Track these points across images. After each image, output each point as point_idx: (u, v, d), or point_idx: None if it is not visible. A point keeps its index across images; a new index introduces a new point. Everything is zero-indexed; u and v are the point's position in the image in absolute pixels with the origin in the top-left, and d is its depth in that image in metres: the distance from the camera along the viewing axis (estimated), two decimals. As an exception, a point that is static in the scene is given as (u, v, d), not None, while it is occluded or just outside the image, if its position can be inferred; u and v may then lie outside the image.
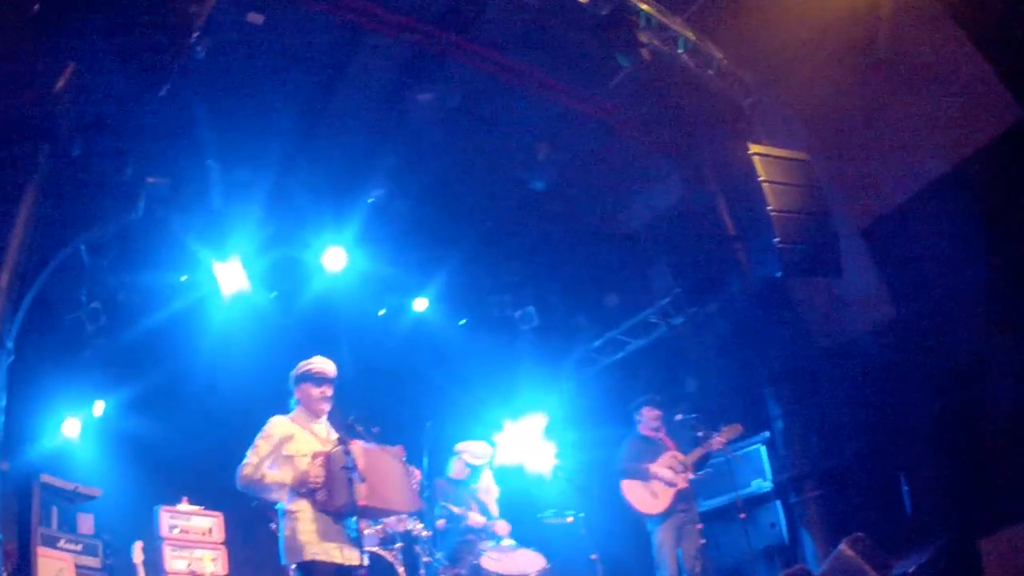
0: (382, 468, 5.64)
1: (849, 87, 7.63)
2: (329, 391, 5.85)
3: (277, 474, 5.48)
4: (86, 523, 7.94)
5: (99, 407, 8.43)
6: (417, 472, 5.98)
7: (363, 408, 6.10)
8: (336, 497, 5.35)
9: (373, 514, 5.83)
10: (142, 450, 8.47)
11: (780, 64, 7.77)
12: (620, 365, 10.10)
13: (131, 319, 8.33)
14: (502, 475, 9.15)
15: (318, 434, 5.75)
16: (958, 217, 7.45)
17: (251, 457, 5.53)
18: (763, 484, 8.45)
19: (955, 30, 6.78)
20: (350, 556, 5.43)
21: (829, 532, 7.86)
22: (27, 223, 6.15)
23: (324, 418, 5.87)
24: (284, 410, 5.87)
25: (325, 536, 5.38)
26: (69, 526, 7.73)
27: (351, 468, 5.34)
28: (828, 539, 7.77)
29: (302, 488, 5.41)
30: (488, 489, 8.38)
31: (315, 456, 5.48)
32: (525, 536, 8.21)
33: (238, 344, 8.73)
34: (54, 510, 7.63)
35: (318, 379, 5.83)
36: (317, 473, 5.40)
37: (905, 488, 7.74)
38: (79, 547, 7.60)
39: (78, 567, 7.40)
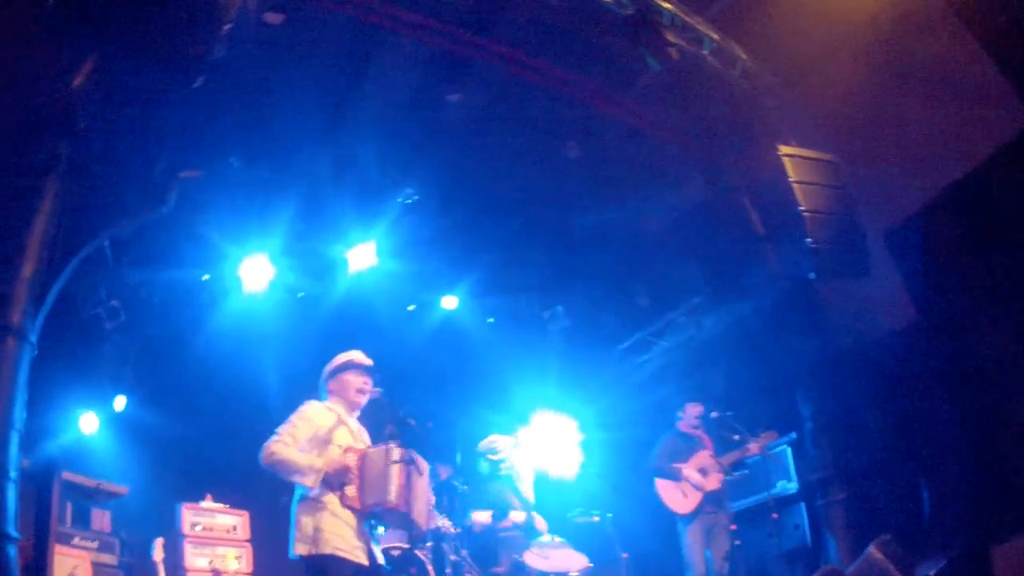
0: (416, 478, 5.53)
1: (869, 89, 7.63)
2: (369, 384, 5.74)
3: (312, 457, 5.30)
4: (102, 520, 7.88)
5: (119, 403, 8.33)
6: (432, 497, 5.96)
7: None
8: (371, 495, 5.26)
9: (401, 520, 5.71)
10: (163, 447, 8.42)
11: (801, 65, 7.80)
12: (649, 365, 10.08)
13: (152, 316, 8.36)
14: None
15: (352, 428, 5.66)
16: (978, 221, 7.43)
17: (284, 435, 5.34)
18: (788, 486, 8.42)
19: (965, 33, 6.84)
20: (376, 556, 5.36)
21: (854, 535, 7.80)
22: (50, 216, 6.07)
23: (357, 413, 5.78)
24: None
25: (348, 534, 5.24)
26: (84, 523, 7.68)
27: (409, 463, 5.28)
28: (852, 542, 7.73)
29: (334, 478, 5.25)
30: (522, 476, 8.33)
31: (347, 451, 5.36)
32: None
33: (264, 341, 8.75)
34: (68, 507, 7.55)
35: (359, 368, 5.75)
36: (344, 464, 5.29)
37: (925, 493, 7.70)
38: (95, 544, 7.56)
39: (94, 564, 7.34)
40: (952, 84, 7.19)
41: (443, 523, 7.66)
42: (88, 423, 8.08)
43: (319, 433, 5.43)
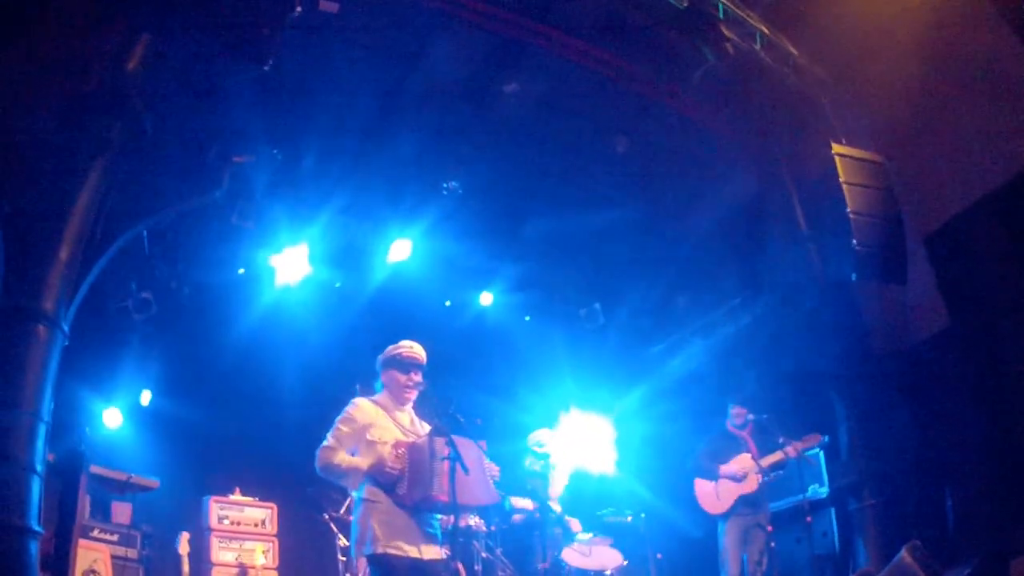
0: (471, 461, 5.40)
1: (915, 89, 7.64)
2: (417, 377, 5.62)
3: (355, 459, 5.28)
4: (123, 513, 7.84)
5: (146, 396, 8.32)
6: (495, 467, 5.89)
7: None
8: (418, 490, 5.19)
9: (455, 510, 5.63)
10: (190, 440, 8.44)
11: (849, 62, 7.84)
12: (686, 365, 10.03)
13: (183, 309, 8.30)
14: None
15: (401, 422, 5.55)
16: (1017, 227, 7.47)
17: (331, 440, 5.31)
18: (819, 490, 8.46)
19: (1010, 34, 6.85)
20: (428, 551, 5.23)
21: (884, 541, 7.84)
22: (92, 200, 5.97)
23: (409, 406, 5.72)
24: (341, 400, 5.66)
25: (400, 530, 5.16)
26: (104, 516, 7.65)
27: (454, 459, 5.20)
28: (883, 548, 7.77)
29: (379, 477, 5.19)
30: (557, 471, 8.36)
31: (396, 446, 5.28)
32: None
33: (296, 333, 8.70)
34: (87, 499, 7.48)
35: (406, 364, 5.61)
36: (395, 462, 5.20)
37: (949, 502, 7.74)
38: (115, 537, 7.51)
39: (114, 557, 7.30)
40: (994, 87, 7.23)
41: (474, 521, 7.63)
42: (112, 417, 8.06)
43: (364, 433, 5.38)
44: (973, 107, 7.48)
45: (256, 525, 8.10)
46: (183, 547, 7.35)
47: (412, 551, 5.15)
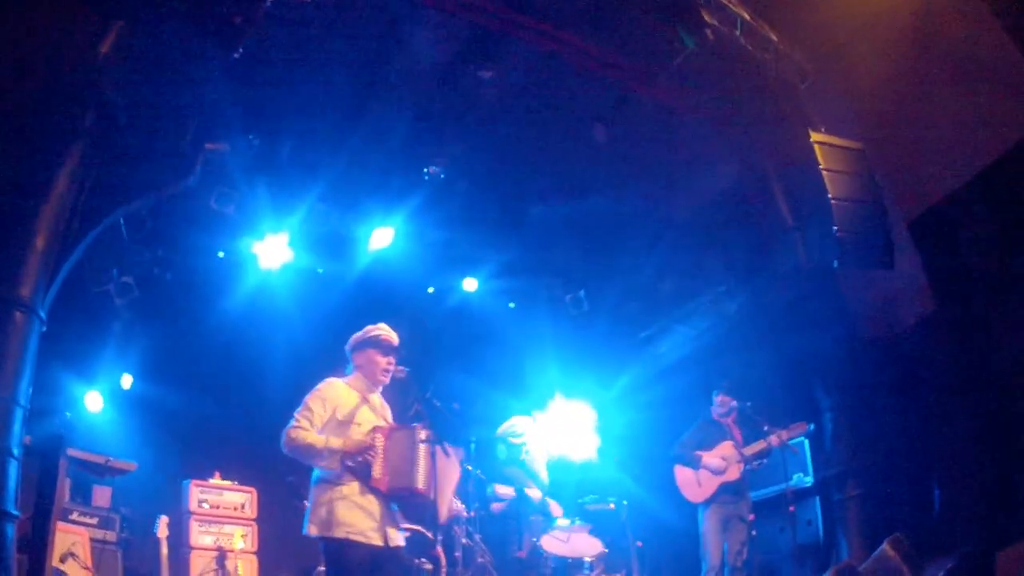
0: (441, 463, 5.54)
1: (897, 75, 7.69)
2: (394, 363, 5.70)
3: (333, 440, 5.26)
4: (103, 496, 7.98)
5: (127, 380, 8.47)
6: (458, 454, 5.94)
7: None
8: (398, 478, 5.26)
9: (419, 505, 5.78)
10: (171, 424, 8.57)
11: (831, 49, 7.87)
12: (671, 352, 10.11)
13: (165, 294, 8.47)
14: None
15: (374, 405, 5.63)
16: (1005, 212, 7.55)
17: (301, 420, 5.31)
18: (804, 479, 8.54)
19: (992, 20, 6.90)
20: (393, 538, 5.30)
21: (868, 532, 7.93)
22: (69, 188, 6.08)
23: (379, 389, 5.75)
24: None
25: (367, 516, 5.21)
26: (84, 499, 7.79)
27: (435, 442, 5.31)
28: (866, 539, 7.85)
29: (356, 458, 5.23)
30: (536, 459, 8.43)
31: (375, 430, 5.35)
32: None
33: (278, 318, 8.86)
34: (67, 483, 7.59)
35: (385, 347, 5.69)
36: (369, 444, 5.26)
37: (936, 492, 7.81)
38: (95, 520, 7.66)
39: (93, 540, 7.41)
40: (976, 72, 7.27)
41: (455, 506, 7.68)
42: (93, 401, 8.21)
43: (338, 415, 5.41)
44: (955, 92, 7.51)
45: (235, 509, 8.24)
46: (162, 530, 7.51)
47: (376, 538, 5.21)
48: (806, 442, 8.53)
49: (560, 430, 9.93)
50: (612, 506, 8.45)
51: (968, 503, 7.59)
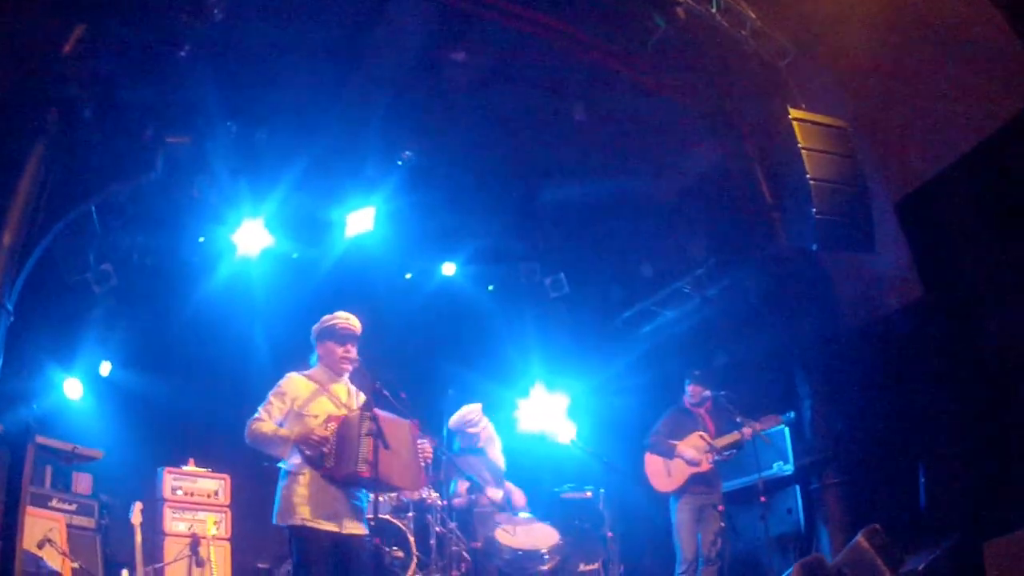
0: (398, 440, 5.56)
1: (883, 53, 7.54)
2: (353, 350, 5.79)
3: (283, 430, 5.46)
4: (83, 483, 8.16)
5: (105, 368, 8.63)
6: (429, 446, 5.89)
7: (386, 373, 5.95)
8: (344, 465, 5.33)
9: (378, 487, 5.71)
10: (149, 412, 8.69)
11: (814, 27, 7.71)
12: (652, 336, 10.07)
13: (144, 281, 8.52)
14: (525, 443, 9.45)
15: (337, 395, 5.75)
16: (990, 193, 7.39)
17: (261, 412, 5.54)
18: (784, 467, 8.50)
19: (987, 4, 6.66)
20: (351, 527, 5.40)
21: (847, 521, 7.92)
22: (32, 185, 6.19)
23: (345, 377, 5.82)
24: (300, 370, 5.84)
25: (322, 504, 5.33)
26: (64, 486, 7.94)
27: (376, 435, 5.30)
28: (845, 529, 7.85)
29: (306, 447, 5.36)
30: (490, 440, 8.44)
31: (329, 420, 5.45)
32: (542, 510, 8.29)
33: (257, 306, 8.99)
34: (48, 470, 7.84)
35: (342, 336, 5.80)
36: (322, 435, 5.35)
37: (922, 480, 7.73)
38: (73, 507, 7.79)
39: (70, 527, 7.52)
40: (969, 49, 7.12)
41: (429, 495, 7.67)
42: (72, 388, 8.34)
43: (295, 407, 5.56)
44: (944, 73, 7.43)
45: (209, 496, 8.40)
46: (136, 517, 7.69)
47: (331, 526, 5.31)
48: (786, 430, 8.47)
49: (540, 414, 9.84)
50: (589, 494, 8.40)
51: (954, 493, 7.52)
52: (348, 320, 5.81)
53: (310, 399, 5.57)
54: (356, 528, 5.41)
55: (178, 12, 5.97)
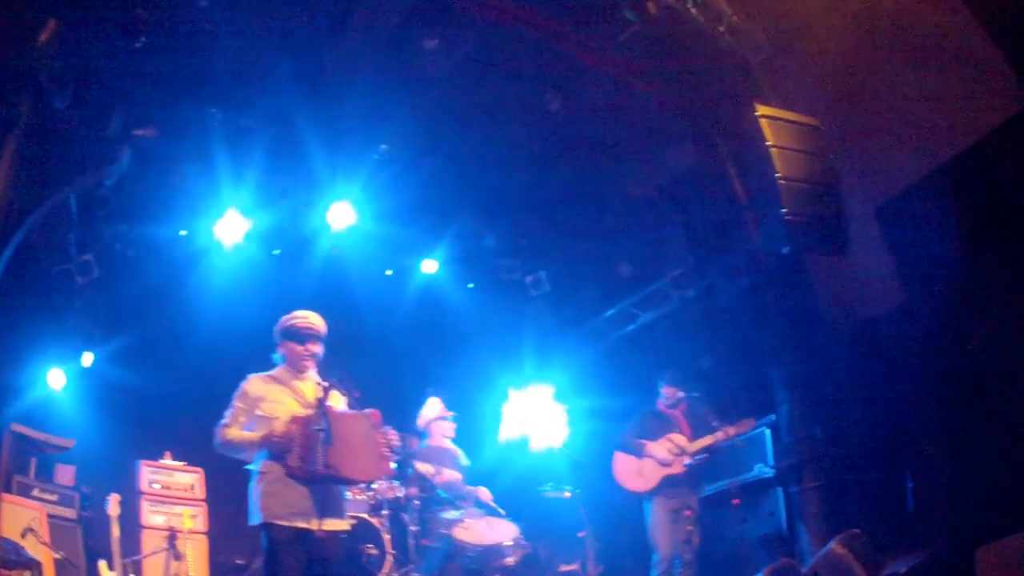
0: (353, 434, 5.69)
1: (862, 57, 7.52)
2: (315, 347, 5.92)
3: (247, 433, 5.61)
4: (66, 474, 8.36)
5: (87, 359, 8.74)
6: (393, 434, 5.95)
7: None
8: (308, 463, 5.43)
9: (339, 481, 5.82)
10: (130, 404, 8.79)
11: (793, 26, 7.71)
12: (631, 337, 10.06)
13: (126, 272, 8.67)
14: (508, 449, 9.52)
15: (302, 393, 5.84)
16: (971, 200, 7.30)
17: (226, 418, 5.70)
18: (765, 470, 8.37)
19: (964, 8, 6.67)
20: (321, 523, 5.43)
21: (827, 525, 7.82)
22: (7, 177, 6.31)
23: (310, 373, 5.88)
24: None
25: (290, 502, 5.43)
26: (47, 476, 8.12)
27: (325, 431, 5.42)
28: (825, 533, 7.73)
29: (271, 448, 5.49)
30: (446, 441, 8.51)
31: (293, 420, 5.55)
32: (522, 509, 8.26)
33: (235, 300, 9.03)
34: (33, 460, 7.99)
35: (302, 335, 5.94)
36: (284, 434, 5.46)
37: (910, 485, 7.65)
38: (55, 497, 7.92)
39: (51, 516, 7.65)
40: (943, 58, 7.09)
41: (405, 494, 7.73)
42: (56, 379, 8.48)
43: (256, 409, 5.69)
44: (925, 77, 7.33)
45: (185, 490, 8.52)
46: (112, 508, 7.78)
47: (301, 523, 5.41)
48: (768, 432, 8.36)
49: (522, 417, 9.85)
50: (568, 494, 8.39)
51: (943, 497, 7.42)
52: (308, 319, 5.95)
53: (274, 401, 5.71)
54: (328, 524, 5.45)
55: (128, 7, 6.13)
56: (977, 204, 7.30)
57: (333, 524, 5.50)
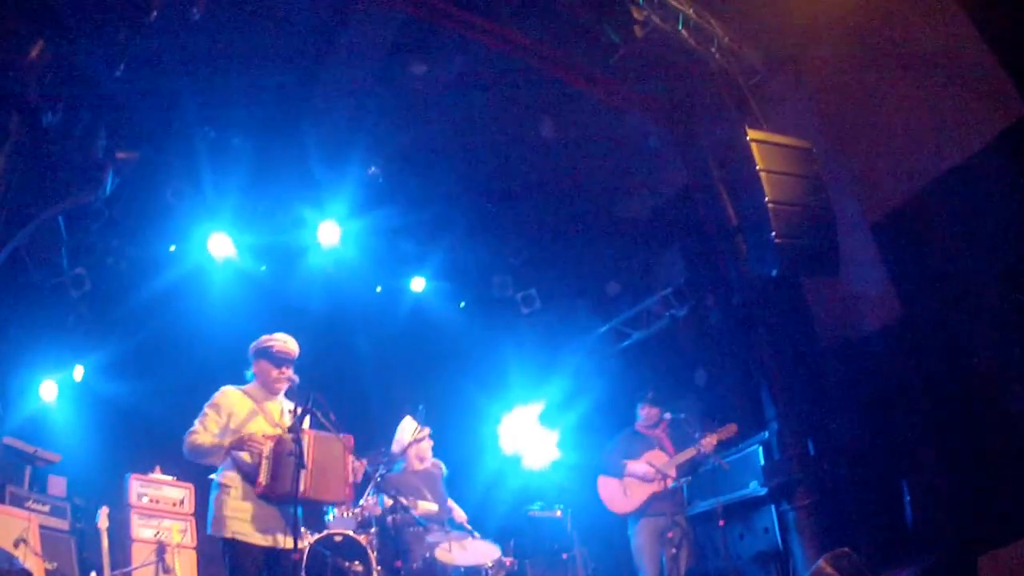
0: (326, 456, 5.76)
1: (857, 73, 7.63)
2: (288, 371, 5.98)
3: (218, 439, 5.63)
4: (58, 485, 8.44)
5: (79, 372, 8.84)
6: (361, 463, 6.03)
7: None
8: (279, 484, 5.50)
9: (309, 504, 5.92)
10: (122, 417, 8.84)
11: (786, 47, 7.80)
12: (622, 355, 10.16)
13: (118, 286, 8.76)
14: (503, 466, 9.42)
15: (270, 413, 5.93)
16: (969, 212, 7.37)
17: (197, 425, 5.74)
18: (758, 488, 8.31)
19: (963, 20, 6.72)
20: (285, 541, 5.52)
21: (821, 542, 7.74)
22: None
23: (280, 396, 5.91)
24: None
25: (256, 518, 5.51)
26: (40, 487, 8.15)
27: (299, 456, 5.47)
28: (819, 550, 7.64)
29: (239, 451, 5.52)
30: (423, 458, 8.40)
31: (267, 437, 5.60)
32: (510, 527, 8.19)
33: (225, 316, 9.11)
34: (28, 470, 8.03)
35: (278, 358, 6.04)
36: (257, 444, 5.51)
37: (907, 497, 7.67)
38: (46, 508, 7.95)
39: (43, 527, 7.67)
40: (940, 71, 7.19)
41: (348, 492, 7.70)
42: (48, 391, 8.60)
43: (232, 423, 5.74)
44: (920, 92, 7.39)
45: (174, 504, 8.55)
46: (102, 521, 7.82)
47: (266, 540, 5.51)
48: (760, 449, 8.38)
49: (513, 435, 9.84)
50: (559, 513, 8.39)
51: (940, 507, 7.46)
52: (285, 344, 6.05)
53: (246, 418, 5.77)
54: (288, 542, 5.50)
55: (118, 29, 6.19)
56: (974, 216, 7.32)
57: (288, 541, 5.48)
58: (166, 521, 8.30)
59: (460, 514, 8.16)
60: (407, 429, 8.25)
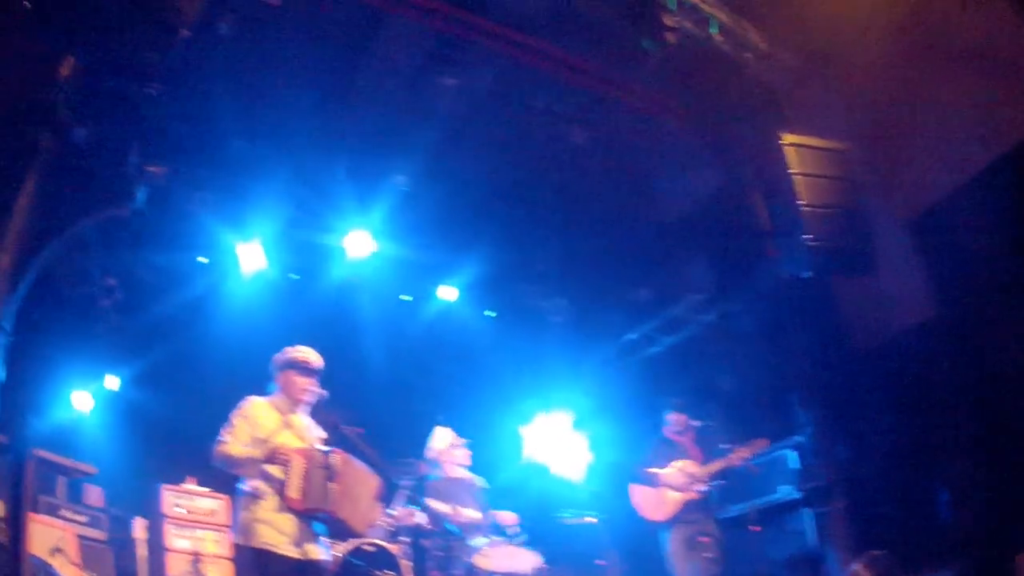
0: (359, 484, 5.86)
1: (893, 69, 7.50)
2: (315, 384, 5.99)
3: (251, 450, 5.65)
4: (94, 495, 8.43)
5: (113, 382, 8.92)
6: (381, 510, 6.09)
7: (377, 394, 6.06)
8: (307, 499, 5.55)
9: (335, 524, 5.93)
10: (154, 427, 8.89)
11: (821, 46, 7.66)
12: (651, 362, 10.17)
13: (149, 296, 8.79)
14: (528, 472, 9.48)
15: (295, 426, 5.95)
16: (1008, 210, 7.23)
17: (225, 435, 5.76)
18: (791, 491, 8.31)
19: (1006, 10, 6.63)
20: (311, 551, 5.61)
21: (855, 545, 7.76)
22: (30, 209, 6.46)
23: (304, 410, 6.06)
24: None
25: (285, 530, 5.54)
26: (75, 497, 8.17)
27: (330, 470, 5.59)
28: (854, 551, 7.71)
29: (275, 476, 5.55)
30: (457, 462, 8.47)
31: (299, 451, 5.66)
32: (541, 535, 8.19)
33: (258, 327, 9.09)
34: (61, 480, 8.01)
35: (305, 369, 6.03)
36: (288, 457, 5.56)
37: (944, 496, 7.62)
38: (84, 518, 7.99)
39: (81, 538, 7.73)
40: (980, 64, 7.02)
41: (423, 519, 7.72)
42: (82, 401, 8.72)
43: (259, 435, 5.77)
44: (959, 87, 7.28)
45: (208, 515, 8.54)
46: (138, 532, 7.83)
47: (294, 552, 5.53)
48: (793, 454, 8.35)
49: (543, 443, 9.81)
50: (594, 520, 8.36)
51: (977, 509, 7.36)
52: (308, 355, 6.07)
53: (274, 431, 5.78)
54: (316, 553, 5.64)
55: (142, 51, 6.22)
56: (1011, 215, 7.18)
57: (315, 552, 5.59)
58: (200, 531, 8.32)
59: (508, 517, 8.15)
60: (442, 436, 8.27)
